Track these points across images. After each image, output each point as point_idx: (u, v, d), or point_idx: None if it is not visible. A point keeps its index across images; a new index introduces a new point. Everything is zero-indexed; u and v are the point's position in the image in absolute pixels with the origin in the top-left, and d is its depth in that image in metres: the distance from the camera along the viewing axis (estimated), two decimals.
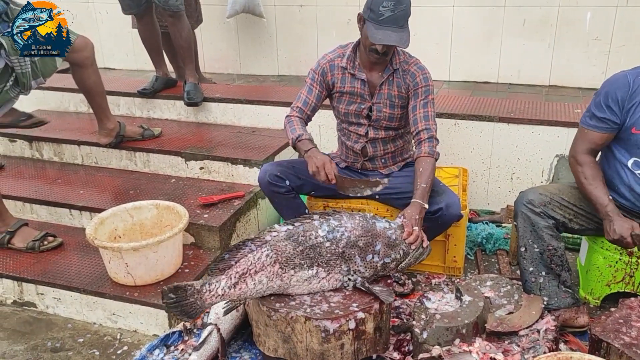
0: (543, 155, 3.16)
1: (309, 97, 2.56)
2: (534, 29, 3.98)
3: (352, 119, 2.60)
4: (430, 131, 2.45)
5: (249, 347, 2.29)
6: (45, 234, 2.87)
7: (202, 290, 1.94)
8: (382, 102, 2.52)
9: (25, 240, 2.83)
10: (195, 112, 3.85)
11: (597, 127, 2.21)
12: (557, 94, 3.88)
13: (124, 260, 2.42)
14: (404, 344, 2.20)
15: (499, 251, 2.96)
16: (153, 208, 2.74)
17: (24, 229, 2.87)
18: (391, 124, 2.56)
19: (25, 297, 2.68)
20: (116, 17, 4.85)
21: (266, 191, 2.59)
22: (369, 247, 2.09)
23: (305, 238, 2.05)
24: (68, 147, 3.59)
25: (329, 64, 2.54)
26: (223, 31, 4.79)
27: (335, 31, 4.42)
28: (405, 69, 2.49)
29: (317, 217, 2.13)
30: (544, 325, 2.04)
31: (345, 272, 2.09)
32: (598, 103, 2.20)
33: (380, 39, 2.29)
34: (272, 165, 2.60)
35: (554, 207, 2.25)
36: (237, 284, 1.95)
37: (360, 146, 2.62)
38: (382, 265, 2.12)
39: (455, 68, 4.25)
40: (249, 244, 2.00)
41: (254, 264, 1.97)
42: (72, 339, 2.46)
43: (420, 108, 2.48)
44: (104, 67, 5.32)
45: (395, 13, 2.26)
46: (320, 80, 2.55)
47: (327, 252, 2.05)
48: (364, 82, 2.50)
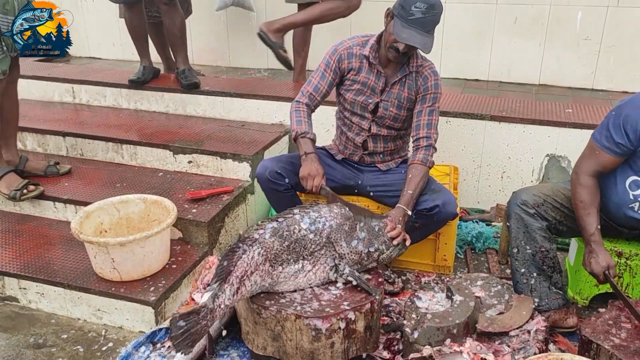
0: (534, 155, 3.16)
1: (321, 83, 2.53)
2: (525, 27, 3.98)
3: (357, 110, 2.57)
4: (430, 139, 2.46)
5: (237, 344, 2.26)
6: (27, 183, 2.90)
7: (214, 307, 1.84)
8: (390, 101, 2.50)
9: (9, 186, 2.88)
10: (183, 105, 3.79)
11: (612, 151, 2.07)
12: (546, 93, 3.89)
13: (110, 255, 2.37)
14: (394, 343, 2.19)
15: (488, 250, 2.96)
16: (140, 202, 2.69)
17: (11, 175, 2.92)
18: (394, 124, 2.55)
19: (7, 292, 2.62)
20: (103, 6, 4.77)
21: (265, 188, 2.56)
22: (354, 233, 2.12)
23: (290, 233, 2.03)
24: (52, 138, 3.52)
25: (347, 51, 2.51)
26: (212, 23, 4.72)
27: (327, 25, 4.37)
28: (419, 70, 2.47)
29: (297, 211, 2.12)
30: (534, 326, 2.04)
31: (332, 262, 2.08)
32: (617, 125, 2.03)
33: (405, 37, 2.26)
34: (272, 161, 2.57)
35: (547, 208, 2.25)
36: (238, 289, 1.91)
37: (362, 139, 2.61)
38: (366, 253, 2.15)
39: (446, 65, 4.24)
40: (241, 246, 1.96)
41: (249, 265, 1.93)
42: (56, 334, 2.41)
43: (426, 115, 2.47)
44: (89, 56, 5.23)
45: (425, 16, 2.24)
46: (336, 67, 2.52)
47: (312, 243, 2.05)
48: (380, 75, 2.47)
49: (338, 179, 2.65)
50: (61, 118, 3.73)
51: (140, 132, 3.46)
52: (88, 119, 3.74)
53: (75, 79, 4.04)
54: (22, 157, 3.15)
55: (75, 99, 4.06)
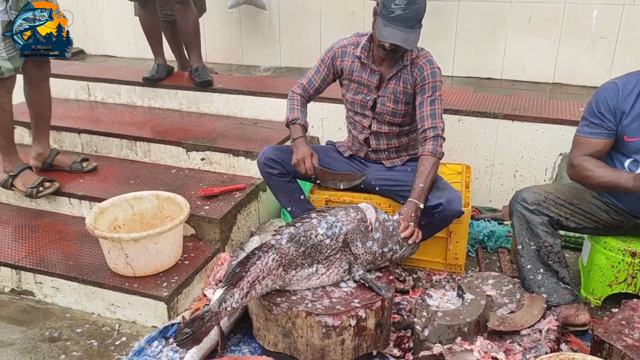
0: (547, 154, 3.14)
1: (315, 77, 2.60)
2: (539, 25, 3.95)
3: (357, 109, 2.60)
4: (437, 130, 2.44)
5: (248, 340, 2.28)
6: (43, 180, 2.95)
7: (219, 311, 1.90)
8: (386, 96, 2.51)
9: (25, 184, 2.93)
10: (196, 102, 3.82)
11: (594, 134, 2.20)
12: (561, 92, 3.85)
13: (124, 250, 2.40)
14: (405, 340, 2.19)
15: (500, 249, 2.95)
16: (154, 199, 2.72)
17: (26, 172, 2.97)
18: (394, 120, 2.55)
19: (23, 286, 2.66)
20: (118, 5, 4.82)
21: (261, 172, 2.63)
22: (369, 233, 2.13)
23: (307, 238, 2.05)
24: (68, 134, 3.56)
25: (341, 49, 2.55)
26: (225, 21, 4.74)
27: (339, 23, 4.38)
28: (414, 62, 2.47)
29: (314, 215, 2.14)
30: (546, 325, 2.03)
31: (346, 265, 2.09)
32: (591, 111, 2.20)
33: (386, 36, 2.27)
34: (271, 148, 2.64)
35: (548, 205, 2.25)
36: (248, 293, 1.93)
37: (364, 137, 2.63)
38: (380, 254, 2.16)
39: (458, 63, 4.22)
40: (257, 252, 1.97)
41: (262, 270, 1.95)
42: (70, 328, 2.45)
43: (427, 105, 2.46)
44: (104, 54, 5.28)
45: (406, 12, 2.24)
46: (329, 63, 2.57)
47: (327, 248, 2.07)
48: (374, 73, 2.49)
49: (343, 172, 2.66)
50: (77, 115, 3.78)
51: (154, 129, 3.49)
52: (103, 116, 3.78)
53: (91, 76, 4.08)
54: (52, 150, 3.23)
55: (90, 96, 4.10)
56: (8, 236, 2.85)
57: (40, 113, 3.11)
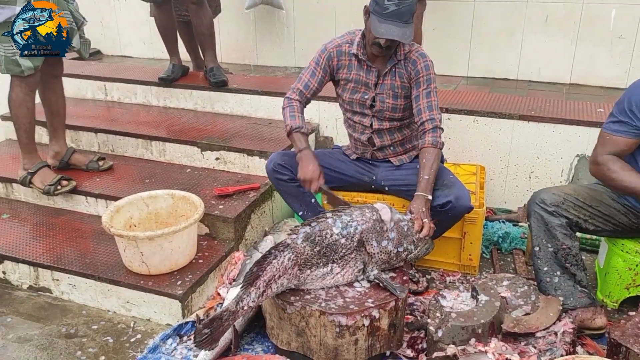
0: (563, 155, 3.11)
1: (311, 80, 2.56)
2: (556, 25, 3.91)
3: (356, 109, 2.59)
4: (435, 121, 2.44)
5: (262, 339, 2.29)
6: (60, 178, 3.00)
7: (237, 310, 1.91)
8: (385, 93, 2.50)
9: (43, 181, 2.98)
10: (211, 102, 3.84)
11: (621, 132, 2.15)
12: (578, 93, 3.82)
13: (139, 249, 2.42)
14: (418, 341, 2.19)
15: (515, 250, 2.92)
16: (169, 198, 2.74)
17: (45, 170, 3.02)
18: (395, 115, 2.55)
19: (40, 283, 2.70)
20: (134, 5, 4.86)
21: (271, 178, 2.62)
22: (384, 233, 2.13)
23: (322, 238, 2.05)
24: (85, 134, 3.60)
25: (336, 49, 2.53)
26: (240, 21, 4.77)
27: (354, 23, 4.33)
28: (407, 57, 2.46)
29: (329, 214, 2.14)
30: (561, 328, 2.01)
31: (360, 265, 2.09)
32: (621, 108, 2.15)
33: (383, 32, 2.27)
34: (279, 154, 2.62)
35: (567, 206, 2.22)
36: (264, 292, 1.94)
37: (367, 137, 2.62)
38: (395, 254, 2.15)
39: (474, 63, 4.19)
40: (273, 251, 1.98)
41: (278, 270, 1.96)
42: (87, 325, 2.48)
43: (424, 98, 2.46)
44: (121, 54, 5.33)
45: (400, 8, 2.24)
46: (325, 65, 2.55)
47: (343, 248, 2.06)
48: (371, 70, 2.49)
49: (351, 174, 2.67)
50: (93, 115, 3.82)
51: (169, 129, 3.52)
52: (119, 116, 3.82)
53: (107, 76, 4.13)
54: (69, 149, 3.27)
55: (107, 96, 4.15)
56: (26, 234, 2.89)
57: (54, 111, 3.15)
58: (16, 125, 2.94)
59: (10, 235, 2.88)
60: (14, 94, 2.85)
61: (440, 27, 3.95)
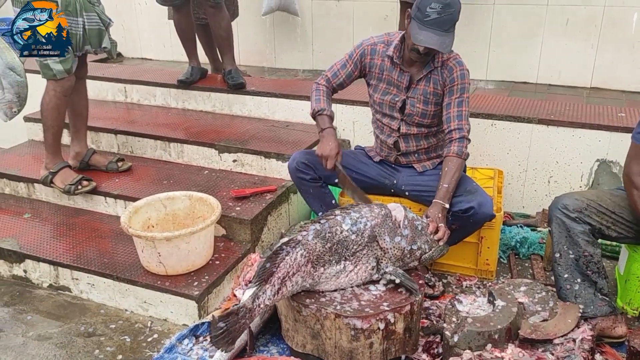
0: (583, 160, 3.07)
1: (341, 71, 2.58)
2: (577, 29, 3.87)
3: (386, 110, 2.59)
4: (462, 131, 2.44)
5: (277, 341, 2.30)
6: (81, 178, 3.05)
7: (253, 307, 1.91)
8: (416, 97, 2.50)
9: (64, 181, 3.03)
10: (229, 105, 3.87)
11: None
12: (598, 97, 3.77)
13: (157, 249, 2.44)
14: (434, 346, 2.17)
15: (533, 256, 2.89)
16: (186, 199, 2.76)
17: (66, 171, 3.08)
18: (424, 121, 2.54)
19: (60, 282, 2.74)
20: (154, 8, 4.90)
21: (293, 177, 2.63)
22: (397, 229, 2.14)
23: (332, 234, 2.06)
24: (105, 135, 3.65)
25: (371, 47, 2.54)
26: (259, 25, 4.79)
27: (372, 27, 4.37)
28: (444, 64, 2.46)
29: (338, 212, 2.16)
30: (580, 335, 1.98)
31: (373, 262, 2.09)
32: None
33: (422, 40, 2.26)
34: (302, 153, 2.63)
35: (590, 212, 2.18)
36: (279, 289, 1.95)
37: (393, 140, 2.62)
38: (409, 251, 2.16)
39: (493, 67, 4.17)
40: (284, 247, 1.99)
41: (292, 266, 1.96)
42: (105, 324, 2.51)
43: (455, 107, 2.45)
44: (141, 57, 5.40)
45: (441, 16, 2.23)
46: (357, 60, 2.56)
47: (353, 244, 2.07)
48: (404, 73, 2.49)
49: (373, 176, 2.66)
50: (113, 116, 3.87)
51: (188, 131, 3.55)
52: (138, 117, 3.86)
53: (128, 79, 4.18)
54: (89, 150, 3.32)
55: (127, 98, 4.20)
56: (47, 233, 2.94)
57: (77, 112, 3.21)
58: (45, 127, 3.01)
59: (32, 234, 2.93)
60: (47, 97, 2.92)
61: (459, 30, 3.89)
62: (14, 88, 2.76)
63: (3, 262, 2.84)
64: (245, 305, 1.90)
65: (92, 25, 2.90)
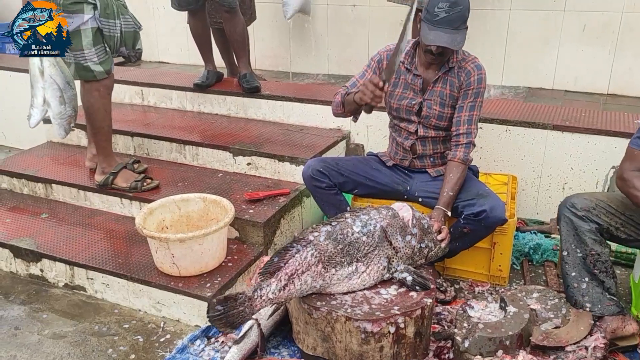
0: (598, 166, 3.05)
1: (359, 81, 2.60)
2: (594, 34, 3.84)
3: (403, 115, 2.60)
4: (470, 136, 2.48)
5: (288, 343, 2.31)
6: (145, 177, 3.13)
7: (253, 297, 1.94)
8: (432, 100, 2.51)
9: (127, 180, 3.10)
10: (244, 108, 3.90)
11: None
12: (616, 103, 3.73)
13: (170, 250, 2.47)
14: (444, 351, 2.17)
15: (546, 262, 2.87)
16: (200, 201, 2.79)
17: (125, 171, 3.14)
18: (441, 123, 2.55)
19: (76, 281, 2.78)
20: (172, 13, 4.96)
21: (308, 185, 2.64)
22: (407, 229, 2.19)
23: (344, 236, 2.09)
24: (122, 137, 3.70)
25: (386, 53, 2.58)
26: (275, 29, 4.83)
27: (387, 32, 4.39)
28: (461, 66, 2.48)
29: (348, 215, 2.20)
30: (592, 342, 1.97)
31: (385, 262, 2.12)
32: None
33: (432, 39, 2.31)
34: (316, 160, 2.65)
35: (599, 212, 2.17)
36: (286, 285, 1.97)
37: (410, 143, 2.62)
38: (418, 249, 2.22)
39: (508, 72, 4.15)
40: (295, 245, 2.01)
41: (301, 264, 1.98)
42: (118, 324, 2.54)
43: (467, 110, 2.48)
44: (158, 60, 5.46)
45: (450, 15, 2.27)
46: (375, 66, 2.60)
47: (365, 245, 2.10)
48: (417, 77, 2.52)
49: (386, 183, 2.67)
50: (130, 119, 3.93)
51: (203, 133, 3.59)
52: (155, 120, 3.91)
53: (145, 82, 4.24)
54: None
55: (144, 101, 4.26)
56: (63, 233, 2.98)
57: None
58: (94, 130, 3.05)
59: (48, 234, 2.98)
60: (91, 99, 2.94)
61: (475, 36, 3.90)
62: (72, 102, 2.82)
63: (20, 261, 2.90)
64: (245, 293, 1.93)
65: (129, 27, 2.95)
